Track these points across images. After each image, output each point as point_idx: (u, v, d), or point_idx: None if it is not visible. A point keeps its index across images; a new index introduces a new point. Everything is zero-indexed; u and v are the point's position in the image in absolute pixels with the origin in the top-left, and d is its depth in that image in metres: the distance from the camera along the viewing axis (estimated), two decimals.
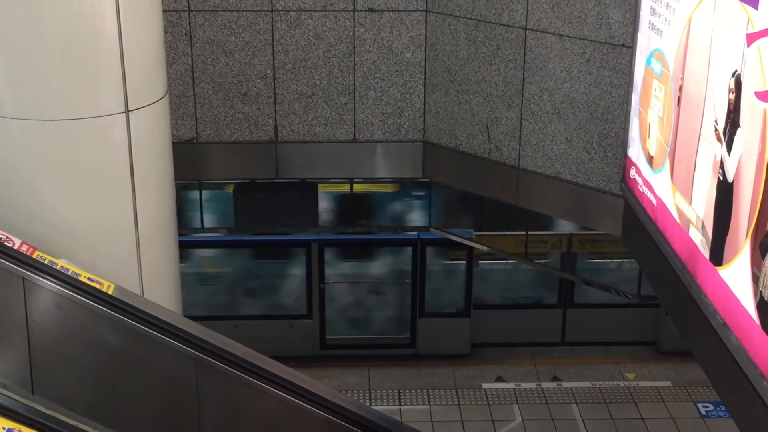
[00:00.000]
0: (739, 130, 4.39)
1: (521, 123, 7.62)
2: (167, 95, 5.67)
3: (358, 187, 11.59)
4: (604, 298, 12.44)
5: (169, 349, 4.99)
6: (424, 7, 7.96)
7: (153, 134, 5.51)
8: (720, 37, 4.70)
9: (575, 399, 11.98)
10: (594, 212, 7.51)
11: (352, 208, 11.88)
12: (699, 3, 5.01)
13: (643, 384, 12.32)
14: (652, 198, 5.93)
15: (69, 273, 4.95)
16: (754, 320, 4.20)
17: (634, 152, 6.38)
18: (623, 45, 6.78)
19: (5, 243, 4.89)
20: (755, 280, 4.16)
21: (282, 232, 12.07)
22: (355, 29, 8.02)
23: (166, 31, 7.40)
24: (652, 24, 5.89)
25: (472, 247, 11.89)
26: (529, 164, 7.67)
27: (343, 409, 5.21)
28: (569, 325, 13.08)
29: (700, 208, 4.99)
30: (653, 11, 5.87)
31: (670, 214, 5.52)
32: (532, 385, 12.29)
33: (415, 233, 12.14)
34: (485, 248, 11.06)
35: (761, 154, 4.09)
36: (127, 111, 5.22)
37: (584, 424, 11.50)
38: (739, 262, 4.36)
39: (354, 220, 11.98)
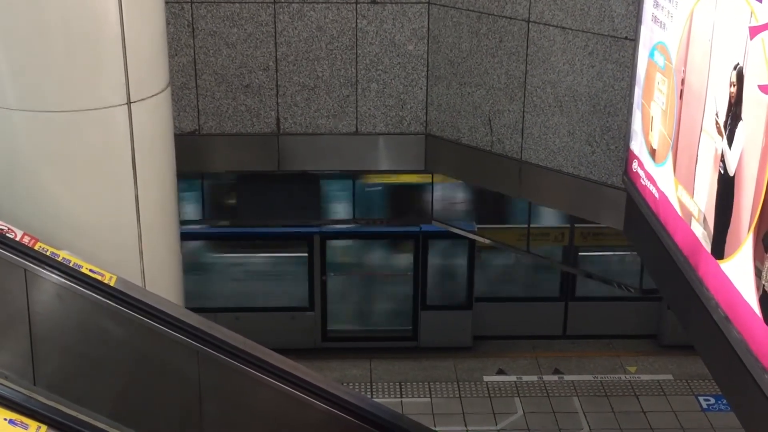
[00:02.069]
0: (740, 124, 4.38)
1: (524, 116, 7.61)
2: (169, 87, 5.67)
3: (359, 180, 11.59)
4: (606, 292, 12.44)
5: (171, 340, 4.99)
6: (427, 0, 7.95)
7: (155, 126, 5.51)
8: (722, 30, 4.69)
9: (576, 392, 11.99)
10: (596, 205, 7.51)
11: (354, 200, 11.88)
12: None
13: (644, 377, 12.32)
14: (654, 191, 5.93)
15: (71, 264, 4.95)
16: (756, 314, 4.19)
17: (637, 145, 6.37)
18: (626, 38, 6.77)
19: (7, 234, 4.90)
20: (758, 273, 4.16)
21: (284, 225, 12.08)
22: (358, 21, 8.01)
23: (168, 23, 7.39)
24: (655, 17, 5.87)
25: (474, 240, 11.89)
26: (532, 157, 7.66)
27: (344, 401, 5.22)
28: (571, 318, 13.09)
29: (702, 202, 4.98)
30: (656, 4, 5.86)
31: (672, 208, 5.52)
32: (534, 378, 12.30)
33: (417, 226, 12.14)
34: (487, 241, 11.06)
35: (764, 147, 4.08)
36: (129, 103, 5.22)
37: (585, 417, 11.51)
38: (741, 255, 4.35)
39: (356, 212, 11.98)
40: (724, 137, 4.58)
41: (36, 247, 4.95)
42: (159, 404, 5.24)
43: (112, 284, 4.98)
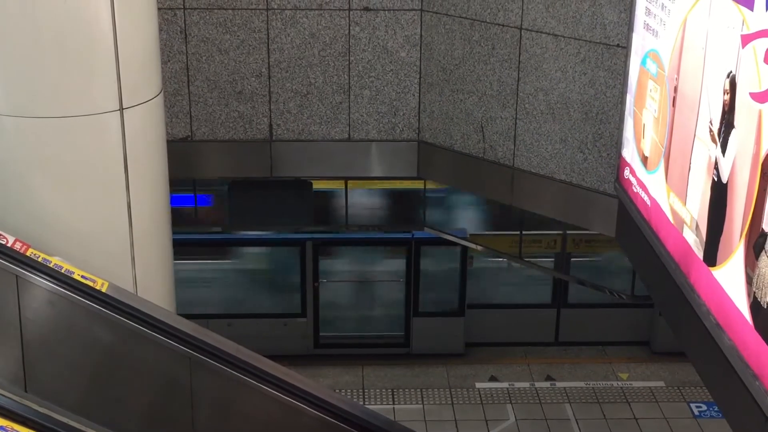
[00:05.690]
0: (733, 131, 4.40)
1: (516, 123, 7.62)
2: (162, 93, 5.67)
3: (352, 186, 11.58)
4: (598, 298, 12.45)
5: (163, 347, 4.98)
6: (419, 7, 7.96)
7: (147, 132, 5.51)
8: (715, 38, 4.70)
9: (569, 399, 11.99)
10: (588, 212, 7.52)
11: (347, 206, 11.88)
12: (694, 4, 5.01)
13: (636, 384, 12.33)
14: (646, 198, 5.94)
15: (62, 271, 4.94)
16: (747, 321, 4.20)
17: (629, 152, 6.38)
18: (618, 45, 6.79)
19: None
20: (749, 280, 4.17)
21: (276, 231, 12.07)
22: (351, 28, 8.02)
23: (161, 29, 7.39)
24: (647, 24, 5.89)
25: (466, 247, 11.89)
26: (524, 164, 7.67)
27: (336, 408, 5.21)
28: (563, 324, 13.09)
29: (694, 209, 5.00)
30: (648, 12, 5.88)
31: (664, 215, 5.53)
32: (526, 384, 12.30)
33: (409, 232, 12.14)
34: (479, 248, 11.07)
35: (755, 154, 4.10)
36: (121, 109, 5.21)
37: (577, 423, 11.51)
38: (733, 262, 4.36)
39: (348, 218, 11.97)
40: (718, 144, 4.60)
41: (28, 253, 4.94)
42: (151, 411, 5.23)
43: (103, 290, 4.97)
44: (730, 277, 4.42)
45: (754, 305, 4.12)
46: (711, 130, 4.69)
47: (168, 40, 7.90)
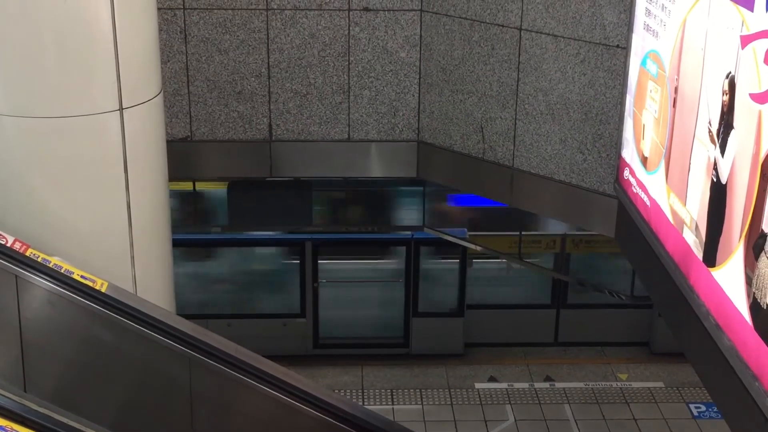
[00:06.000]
0: (732, 132, 4.40)
1: (516, 123, 7.63)
2: (161, 93, 5.67)
3: (352, 187, 11.59)
4: (598, 299, 12.45)
5: (162, 347, 4.98)
6: (419, 7, 7.96)
7: (147, 132, 5.51)
8: (714, 39, 4.70)
9: (568, 399, 11.99)
10: (588, 213, 7.52)
11: (346, 206, 11.88)
12: (694, 4, 5.02)
13: (635, 385, 12.34)
14: (645, 199, 5.94)
15: (62, 271, 4.94)
16: (746, 321, 4.21)
17: (628, 153, 6.39)
18: (618, 46, 6.79)
19: None
20: (748, 281, 4.17)
21: (276, 231, 12.07)
22: (350, 28, 8.02)
23: (160, 29, 7.39)
24: (647, 25, 5.89)
25: (465, 247, 11.90)
26: (523, 164, 7.68)
27: (335, 409, 5.22)
28: (562, 325, 13.09)
29: (694, 210, 5.00)
30: (648, 12, 5.88)
31: (664, 215, 5.53)
32: (525, 385, 12.30)
33: (408, 233, 12.15)
34: (479, 248, 11.07)
35: (755, 155, 4.10)
36: (121, 109, 5.21)
37: (577, 424, 11.51)
38: (733, 263, 4.36)
39: (348, 218, 11.98)
40: (717, 145, 4.60)
41: (27, 253, 4.94)
42: (150, 411, 5.23)
43: (103, 290, 4.97)
44: (729, 278, 4.42)
45: (754, 306, 4.12)
46: (710, 131, 4.70)
47: (168, 40, 7.90)
